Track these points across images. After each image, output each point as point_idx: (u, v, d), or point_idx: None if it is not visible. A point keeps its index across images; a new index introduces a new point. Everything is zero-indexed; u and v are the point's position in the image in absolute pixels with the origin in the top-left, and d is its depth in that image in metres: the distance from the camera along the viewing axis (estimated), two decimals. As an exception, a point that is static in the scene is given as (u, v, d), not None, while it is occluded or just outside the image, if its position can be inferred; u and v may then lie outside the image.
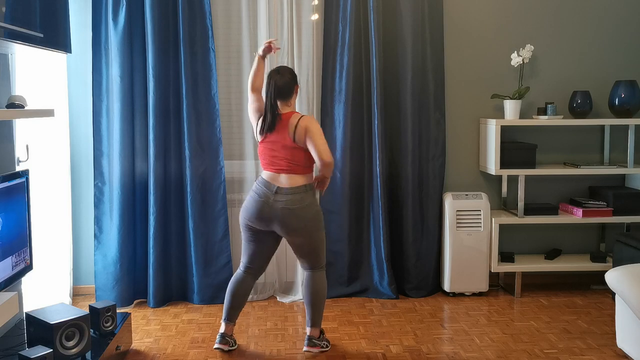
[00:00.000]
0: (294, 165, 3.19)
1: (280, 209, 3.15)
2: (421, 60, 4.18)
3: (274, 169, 3.21)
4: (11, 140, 3.28)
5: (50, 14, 3.13)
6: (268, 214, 3.17)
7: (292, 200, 3.15)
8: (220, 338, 3.36)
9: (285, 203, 3.15)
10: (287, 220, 3.16)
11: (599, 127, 4.49)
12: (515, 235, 4.51)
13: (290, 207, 3.15)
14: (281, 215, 3.15)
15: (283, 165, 3.19)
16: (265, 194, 3.18)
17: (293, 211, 3.15)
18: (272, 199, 3.16)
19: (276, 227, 3.21)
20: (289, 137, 3.17)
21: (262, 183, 3.22)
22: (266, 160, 3.24)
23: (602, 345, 3.44)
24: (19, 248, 2.89)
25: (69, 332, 2.79)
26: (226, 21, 4.19)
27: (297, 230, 3.20)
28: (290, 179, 3.18)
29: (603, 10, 4.42)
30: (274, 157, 3.21)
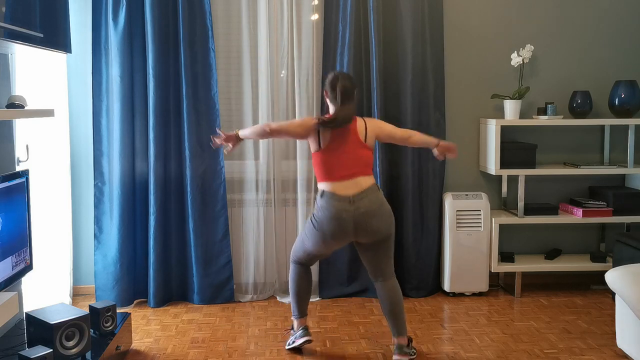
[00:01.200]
0: (363, 167, 3.14)
1: (362, 215, 3.06)
2: (421, 60, 4.18)
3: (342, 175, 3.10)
4: (11, 140, 3.29)
5: (50, 14, 3.13)
6: (352, 225, 3.07)
7: (372, 200, 3.08)
8: (304, 331, 3.34)
9: (366, 206, 3.06)
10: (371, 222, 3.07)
11: (599, 127, 4.49)
12: (515, 235, 4.51)
13: (372, 207, 3.07)
14: (364, 220, 3.06)
15: (353, 170, 3.10)
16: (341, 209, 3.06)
17: (375, 210, 3.08)
18: (352, 209, 3.06)
19: (360, 235, 3.12)
20: (360, 139, 3.14)
21: (333, 197, 3.08)
22: (332, 168, 3.11)
23: (602, 345, 3.44)
24: (19, 248, 2.89)
25: (69, 332, 2.79)
26: (226, 21, 4.19)
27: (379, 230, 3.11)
28: (361, 182, 3.11)
29: (603, 11, 4.42)
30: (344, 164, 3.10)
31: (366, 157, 3.17)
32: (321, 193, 3.14)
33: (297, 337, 3.35)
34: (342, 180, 3.10)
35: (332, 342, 3.50)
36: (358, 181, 3.11)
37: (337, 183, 3.10)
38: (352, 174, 3.11)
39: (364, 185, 3.11)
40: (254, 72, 4.17)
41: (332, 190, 3.10)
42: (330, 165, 3.12)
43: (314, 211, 3.21)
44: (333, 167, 3.11)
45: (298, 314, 3.40)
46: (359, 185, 3.10)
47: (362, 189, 3.09)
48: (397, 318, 3.21)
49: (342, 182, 3.10)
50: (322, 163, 3.14)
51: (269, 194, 4.23)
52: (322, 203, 3.12)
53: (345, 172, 3.10)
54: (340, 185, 3.09)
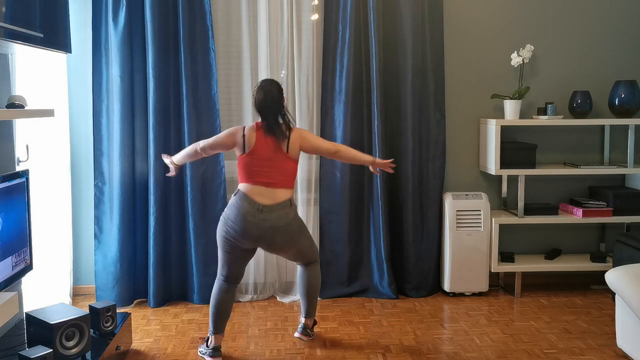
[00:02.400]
0: (282, 179, 3.16)
1: (267, 228, 3.12)
2: (421, 60, 4.18)
3: (260, 181, 3.13)
4: (11, 140, 3.28)
5: (50, 14, 3.13)
6: (255, 232, 3.12)
7: (279, 217, 3.13)
8: (214, 352, 3.26)
9: (272, 221, 3.12)
10: (274, 237, 3.16)
11: (599, 127, 4.49)
12: (515, 235, 4.51)
13: (277, 224, 3.13)
14: (268, 233, 3.13)
15: (269, 179, 3.14)
16: (249, 212, 3.10)
17: (280, 229, 3.14)
18: (257, 217, 3.10)
19: (262, 244, 3.21)
20: (282, 148, 3.17)
21: (244, 199, 3.12)
22: (251, 172, 3.16)
23: (602, 345, 3.44)
24: (19, 248, 2.89)
25: (69, 332, 2.79)
26: (226, 21, 4.19)
27: (283, 245, 3.23)
28: (277, 194, 3.14)
29: (603, 11, 4.42)
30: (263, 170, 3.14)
31: (288, 168, 3.20)
32: (236, 191, 3.20)
33: (208, 355, 3.26)
34: (259, 185, 3.14)
35: (332, 342, 3.50)
36: (274, 192, 3.15)
37: (254, 187, 3.15)
38: (270, 182, 3.15)
39: (278, 198, 3.15)
40: (254, 72, 4.17)
41: (246, 192, 3.14)
42: (250, 170, 3.16)
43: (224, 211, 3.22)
44: (252, 173, 3.16)
45: (213, 329, 3.28)
46: (274, 196, 3.14)
47: (274, 201, 3.14)
48: (310, 301, 3.47)
49: (258, 186, 3.14)
50: (243, 166, 3.19)
51: (269, 194, 4.22)
52: (232, 201, 3.17)
53: (263, 179, 3.14)
54: (255, 189, 3.14)
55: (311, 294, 3.45)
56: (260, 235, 3.13)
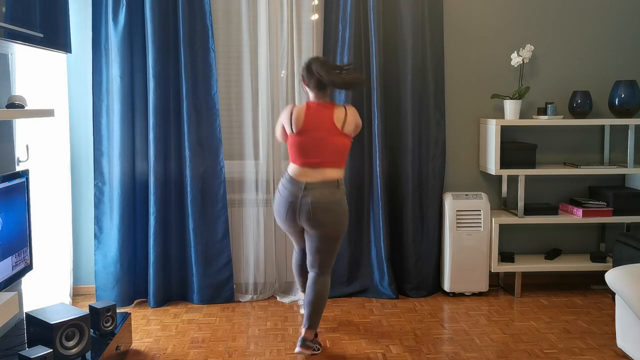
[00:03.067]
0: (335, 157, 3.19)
1: (309, 204, 3.14)
2: (421, 60, 4.18)
3: (308, 162, 3.16)
4: (11, 140, 3.28)
5: (50, 14, 3.13)
6: (297, 212, 3.19)
7: (322, 194, 3.15)
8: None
9: (312, 197, 3.14)
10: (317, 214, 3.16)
11: (599, 127, 4.49)
12: (515, 235, 4.51)
13: (321, 201, 3.14)
14: (311, 210, 3.15)
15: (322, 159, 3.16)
16: (291, 193, 3.18)
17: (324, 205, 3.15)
18: (300, 196, 3.15)
19: (304, 223, 3.23)
20: (337, 126, 3.18)
21: (290, 181, 3.21)
22: (300, 153, 3.19)
23: (602, 345, 3.44)
24: (19, 248, 2.89)
25: (69, 332, 2.79)
26: (226, 21, 4.19)
27: (324, 225, 3.20)
28: (325, 173, 3.17)
29: (603, 11, 4.42)
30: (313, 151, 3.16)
31: (341, 145, 3.19)
32: (284, 173, 3.27)
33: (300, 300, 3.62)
34: (306, 167, 3.17)
35: (332, 342, 3.50)
36: (322, 171, 3.17)
37: (301, 168, 3.19)
38: (318, 162, 3.16)
39: (325, 177, 3.17)
40: (254, 72, 4.17)
41: (292, 174, 3.20)
42: (300, 150, 3.19)
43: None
44: (301, 152, 3.18)
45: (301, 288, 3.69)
46: (321, 175, 3.17)
47: (320, 179, 3.15)
48: (314, 312, 3.32)
49: (305, 168, 3.17)
50: (292, 145, 3.22)
51: (269, 194, 4.23)
52: (280, 184, 3.25)
53: (312, 159, 3.16)
54: (302, 170, 3.18)
55: (317, 303, 3.31)
56: (302, 211, 3.16)
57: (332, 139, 3.18)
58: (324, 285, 3.33)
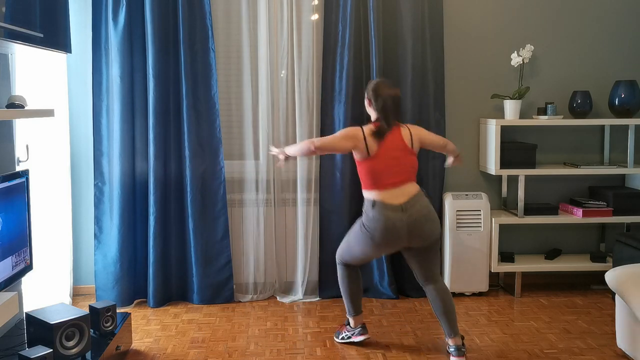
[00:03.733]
0: (411, 174, 3.19)
1: (415, 221, 3.08)
2: (421, 60, 4.18)
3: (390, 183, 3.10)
4: (11, 140, 3.29)
5: (50, 14, 3.13)
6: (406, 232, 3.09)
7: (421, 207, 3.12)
8: (362, 329, 3.45)
9: (417, 213, 3.09)
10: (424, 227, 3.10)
11: (599, 127, 4.49)
12: (515, 235, 4.51)
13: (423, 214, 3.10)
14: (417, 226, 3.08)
15: (401, 178, 3.13)
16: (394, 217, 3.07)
17: (426, 217, 3.11)
18: (404, 217, 3.07)
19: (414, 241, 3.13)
20: (407, 145, 3.18)
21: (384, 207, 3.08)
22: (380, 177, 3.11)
23: (602, 345, 3.44)
24: (19, 248, 2.89)
25: (69, 332, 2.79)
26: (226, 21, 4.19)
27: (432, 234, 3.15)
28: (408, 189, 3.13)
29: (603, 11, 4.42)
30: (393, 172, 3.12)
31: (413, 163, 3.21)
32: (372, 203, 3.13)
33: (357, 334, 3.45)
34: (391, 189, 3.11)
35: (332, 342, 3.50)
36: (406, 188, 3.13)
37: (386, 192, 3.11)
38: (399, 181, 3.13)
39: (412, 192, 3.13)
40: (254, 72, 4.17)
41: (383, 200, 3.10)
42: (378, 173, 3.13)
43: (363, 220, 3.18)
44: (381, 175, 3.12)
45: (353, 312, 3.47)
46: (407, 192, 3.12)
47: (410, 195, 3.12)
48: (451, 319, 3.21)
49: (390, 190, 3.11)
50: (370, 171, 3.14)
51: (269, 194, 4.22)
52: (374, 214, 3.10)
53: (393, 179, 3.12)
54: (389, 193, 3.10)
55: (451, 310, 3.20)
56: (411, 231, 3.09)
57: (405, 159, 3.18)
58: (447, 290, 3.24)
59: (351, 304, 3.46)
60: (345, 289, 3.44)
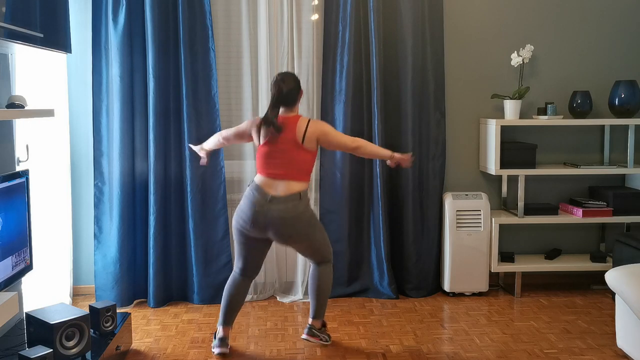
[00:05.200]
0: (294, 171, 3.18)
1: (276, 217, 3.13)
2: (421, 60, 4.18)
3: (271, 173, 3.18)
4: (11, 140, 3.29)
5: (50, 14, 3.13)
6: (262, 221, 3.14)
7: (286, 209, 3.13)
8: (220, 342, 3.33)
9: (279, 212, 3.12)
10: (282, 228, 3.16)
11: (599, 127, 4.49)
12: (515, 235, 4.51)
13: (284, 215, 3.13)
14: (275, 223, 3.14)
15: (281, 171, 3.17)
16: (259, 202, 3.15)
17: (286, 220, 3.14)
18: (265, 207, 3.13)
19: (271, 234, 3.20)
20: (297, 140, 3.16)
21: (256, 189, 3.18)
22: (264, 164, 3.21)
23: (602, 345, 3.44)
24: (19, 248, 2.89)
25: (69, 332, 2.79)
26: (226, 21, 4.19)
27: (290, 236, 3.22)
28: (286, 186, 3.16)
29: (603, 10, 4.42)
30: (273, 162, 3.18)
31: (301, 160, 3.19)
32: (250, 182, 3.28)
33: (214, 346, 3.35)
34: (270, 178, 3.18)
35: (332, 342, 3.50)
36: (286, 184, 3.17)
37: (266, 179, 3.19)
38: (277, 174, 3.17)
39: (288, 190, 3.16)
40: (254, 72, 4.17)
41: (259, 183, 3.20)
42: (264, 161, 3.21)
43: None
44: (263, 163, 3.21)
45: (222, 321, 3.35)
46: (282, 189, 3.16)
47: (284, 193, 3.15)
48: (318, 301, 3.39)
49: (269, 179, 3.18)
50: (260, 157, 3.24)
51: (269, 194, 4.22)
52: (246, 191, 3.23)
53: (272, 170, 3.18)
54: (267, 181, 3.19)
55: (320, 294, 3.38)
56: (267, 224, 3.13)
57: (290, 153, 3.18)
58: (324, 274, 3.36)
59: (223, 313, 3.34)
60: (225, 296, 3.33)
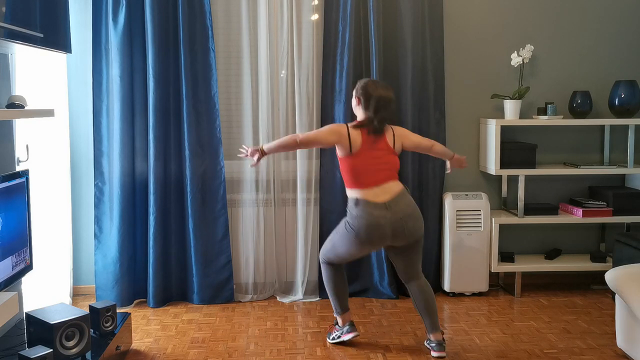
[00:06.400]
0: (392, 173, 3.21)
1: (400, 219, 3.10)
2: (421, 60, 4.18)
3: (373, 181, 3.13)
4: (11, 140, 3.29)
5: (50, 14, 3.13)
6: (390, 230, 3.10)
7: (407, 203, 3.15)
8: (350, 327, 3.42)
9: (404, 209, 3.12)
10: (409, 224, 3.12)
11: (599, 127, 4.49)
12: (515, 235, 4.51)
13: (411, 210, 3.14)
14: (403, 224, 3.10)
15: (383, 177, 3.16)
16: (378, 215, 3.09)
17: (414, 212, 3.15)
18: (389, 215, 3.09)
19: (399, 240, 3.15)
20: (389, 145, 3.21)
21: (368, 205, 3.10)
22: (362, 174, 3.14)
23: (602, 345, 3.44)
24: (19, 248, 2.89)
25: (69, 332, 2.79)
26: (226, 21, 4.19)
27: (417, 231, 3.16)
28: (391, 188, 3.15)
29: (603, 10, 4.42)
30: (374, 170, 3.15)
31: (394, 162, 3.24)
32: (355, 201, 3.16)
33: (345, 332, 3.43)
34: (374, 187, 3.13)
35: (332, 342, 3.50)
36: (389, 186, 3.16)
37: (369, 190, 3.13)
38: (381, 179, 3.15)
39: (395, 190, 3.16)
40: (254, 72, 4.17)
41: (366, 198, 3.12)
42: (360, 171, 3.15)
43: (347, 219, 3.21)
44: (363, 173, 3.15)
45: (340, 310, 3.45)
46: (391, 190, 3.15)
47: (394, 194, 3.14)
48: (433, 315, 3.27)
49: (373, 188, 3.13)
50: (352, 169, 3.17)
51: (268, 194, 4.22)
52: (357, 212, 3.12)
53: (375, 178, 3.15)
54: (372, 192, 3.13)
55: (433, 306, 3.26)
56: (395, 229, 3.11)
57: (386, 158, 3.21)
58: (429, 286, 3.30)
59: (338, 303, 3.44)
60: (331, 288, 3.44)
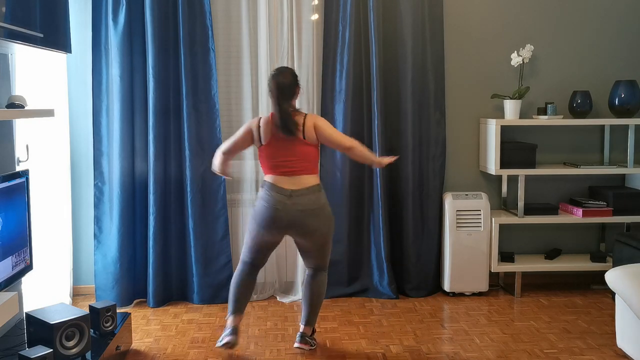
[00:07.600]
0: (305, 165, 3.17)
1: (300, 211, 3.12)
2: (421, 60, 4.18)
3: (284, 171, 3.17)
4: (11, 140, 3.28)
5: (50, 14, 3.13)
6: (285, 220, 3.14)
7: (310, 200, 3.14)
8: (231, 331, 3.28)
9: (303, 205, 3.13)
10: (307, 221, 3.15)
11: (599, 127, 4.49)
12: (515, 235, 4.51)
13: (309, 207, 3.14)
14: (300, 217, 3.13)
15: (292, 167, 3.16)
16: (279, 201, 3.13)
17: (313, 211, 3.15)
18: (288, 204, 3.12)
19: (293, 232, 3.20)
20: (299, 135, 3.16)
21: (272, 189, 3.16)
22: (273, 164, 3.19)
23: (602, 345, 3.44)
24: (19, 248, 2.89)
25: (69, 332, 2.79)
26: (226, 21, 4.19)
27: (315, 231, 3.19)
28: (302, 180, 3.16)
29: (603, 10, 4.42)
30: (284, 160, 3.16)
31: (307, 153, 3.18)
32: (262, 183, 3.23)
33: (225, 335, 3.30)
34: (283, 176, 3.16)
35: (332, 342, 3.50)
36: (300, 179, 3.16)
37: (279, 177, 3.17)
38: (292, 171, 3.16)
39: (305, 183, 3.16)
40: (254, 72, 4.17)
41: (273, 182, 3.17)
42: (272, 162, 3.18)
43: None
44: (275, 164, 3.18)
45: (232, 309, 3.34)
46: (300, 182, 3.16)
47: (302, 186, 3.15)
48: (312, 309, 3.37)
49: (283, 177, 3.16)
50: (265, 158, 3.21)
51: (269, 194, 4.22)
52: (261, 193, 3.20)
53: (285, 168, 3.16)
54: (280, 179, 3.17)
55: (315, 301, 3.36)
56: (291, 220, 3.13)
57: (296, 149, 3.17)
58: (322, 282, 3.36)
59: (234, 303, 3.33)
60: (235, 287, 3.35)
